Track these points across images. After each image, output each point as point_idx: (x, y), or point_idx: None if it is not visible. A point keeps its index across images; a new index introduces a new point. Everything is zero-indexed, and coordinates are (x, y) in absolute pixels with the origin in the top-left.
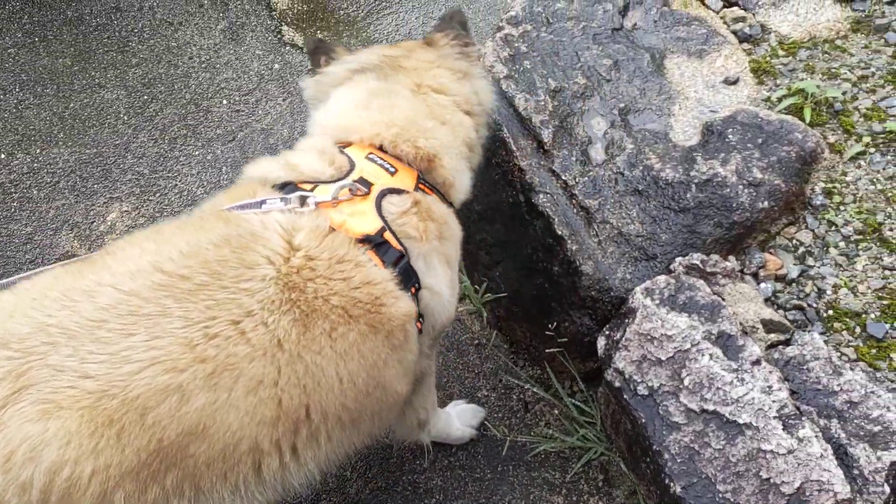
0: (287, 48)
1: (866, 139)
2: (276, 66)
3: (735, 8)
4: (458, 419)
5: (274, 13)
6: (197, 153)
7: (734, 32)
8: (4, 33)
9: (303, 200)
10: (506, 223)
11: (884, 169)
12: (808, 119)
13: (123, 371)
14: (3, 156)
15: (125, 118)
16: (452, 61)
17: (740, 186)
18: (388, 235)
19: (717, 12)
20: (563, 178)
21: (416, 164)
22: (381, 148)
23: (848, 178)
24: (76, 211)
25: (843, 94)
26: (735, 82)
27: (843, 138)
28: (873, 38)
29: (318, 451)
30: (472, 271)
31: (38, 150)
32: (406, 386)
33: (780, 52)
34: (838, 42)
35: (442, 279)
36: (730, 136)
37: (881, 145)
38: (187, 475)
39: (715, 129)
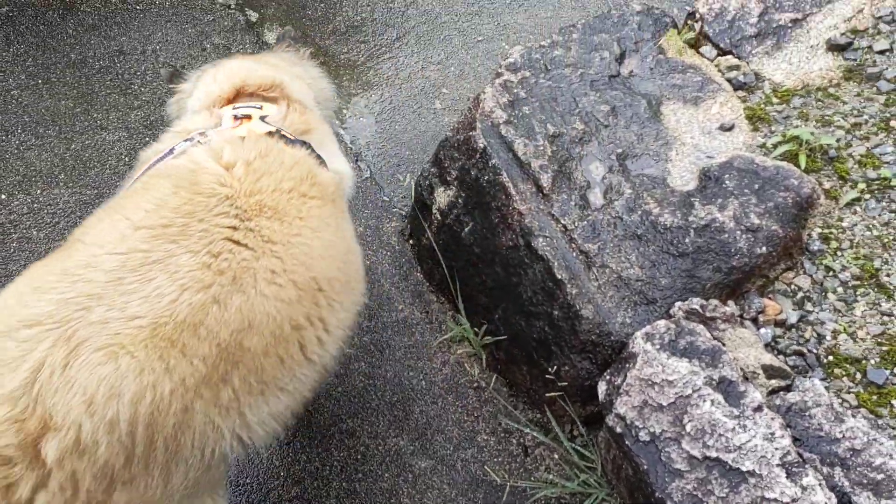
0: None
1: (861, 185)
2: None
3: (729, 56)
4: None
5: None
6: None
7: (729, 80)
8: (9, 75)
9: (202, 135)
10: (505, 266)
11: (879, 215)
12: (803, 165)
13: (163, 304)
14: (3, 196)
15: (126, 159)
16: (283, 54)
17: (738, 232)
18: (285, 133)
19: (712, 60)
20: (563, 221)
21: (269, 92)
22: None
23: (844, 224)
24: None
25: (837, 141)
26: (730, 129)
27: (839, 184)
28: (865, 86)
29: (337, 317)
30: (471, 314)
31: (38, 191)
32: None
33: (775, 100)
34: (831, 90)
35: (341, 158)
36: (727, 182)
37: (876, 192)
38: (251, 369)
39: (712, 175)
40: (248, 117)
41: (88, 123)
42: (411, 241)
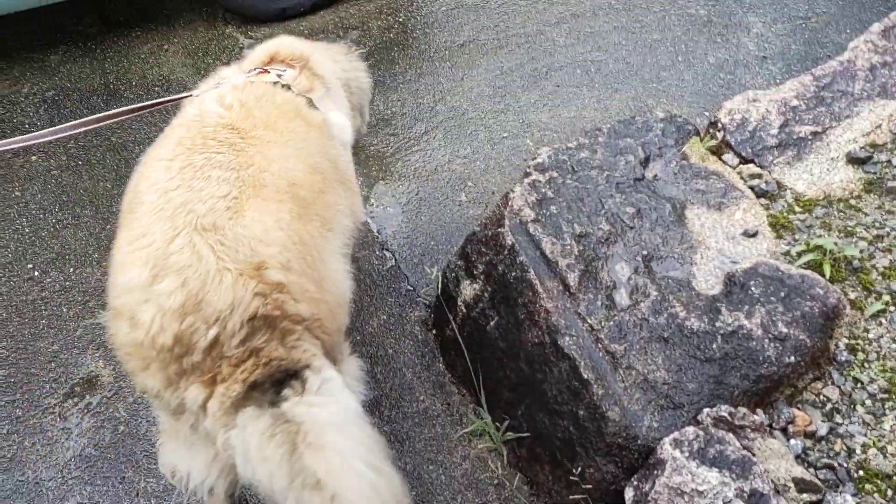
0: None
1: (886, 297)
2: None
3: (751, 165)
4: None
5: None
6: None
7: (751, 188)
8: (50, 156)
9: (219, 82)
10: (530, 362)
11: None
12: (828, 275)
13: (238, 177)
14: (37, 273)
15: None
16: (333, 45)
17: (766, 340)
18: (286, 84)
19: (734, 168)
20: (589, 321)
21: (295, 62)
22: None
23: (870, 336)
24: (104, 331)
25: (861, 252)
26: (754, 235)
27: (863, 295)
28: (886, 199)
29: (349, 201)
30: (493, 408)
31: (71, 269)
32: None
33: (797, 209)
34: (852, 202)
35: (338, 114)
36: (752, 289)
37: None
38: (317, 215)
39: (737, 280)
40: (266, 72)
41: None
42: (434, 332)
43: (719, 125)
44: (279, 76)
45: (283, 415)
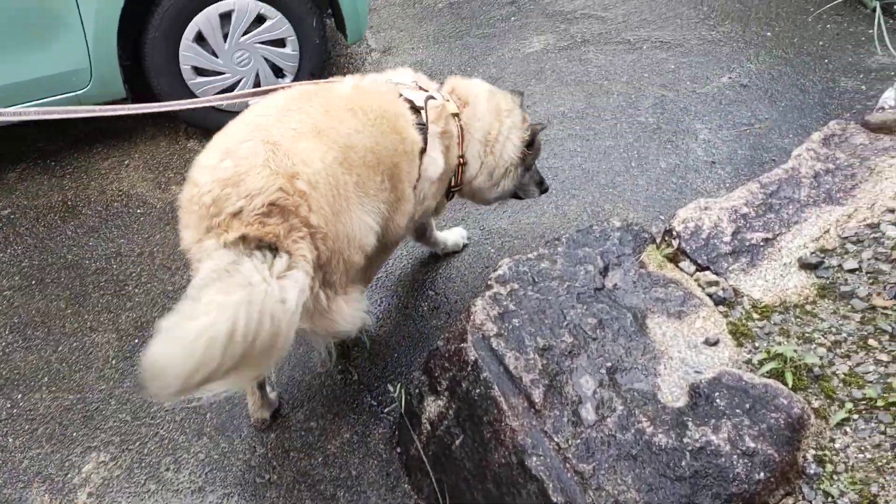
0: None
1: (849, 405)
2: None
3: (707, 272)
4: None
5: None
6: (182, 398)
7: (709, 295)
8: (3, 276)
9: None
10: (498, 484)
11: (870, 437)
12: (790, 383)
13: (309, 123)
14: None
15: (113, 362)
16: (511, 98)
17: (735, 456)
18: (424, 115)
19: (691, 275)
20: (556, 439)
21: (457, 99)
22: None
23: (837, 446)
24: (51, 461)
25: (821, 358)
26: (715, 343)
27: (827, 403)
28: (840, 303)
29: (384, 191)
30: None
31: (19, 396)
32: (406, 186)
33: (755, 316)
34: (808, 307)
35: (438, 157)
36: (717, 400)
37: (864, 412)
38: (359, 176)
39: (702, 392)
40: (432, 97)
41: (78, 325)
42: (399, 450)
43: (674, 233)
44: (429, 97)
45: (238, 267)
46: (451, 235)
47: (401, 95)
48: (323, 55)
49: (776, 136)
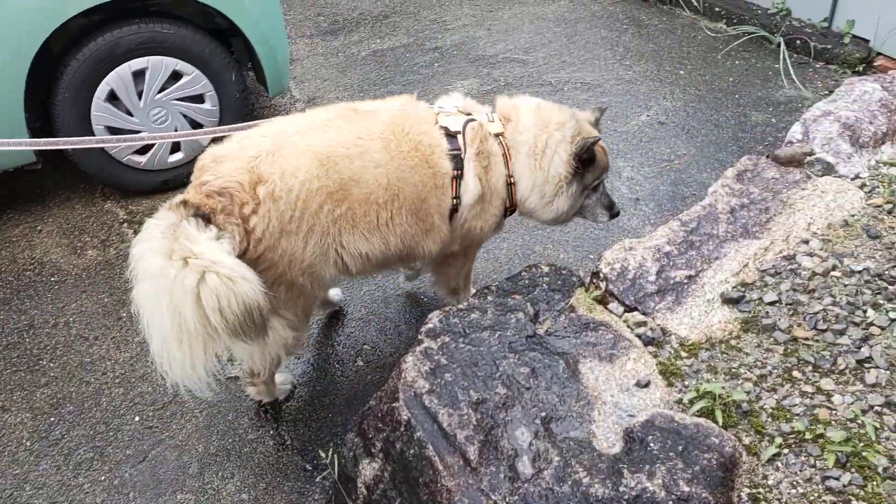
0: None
1: (778, 440)
2: None
3: (635, 313)
4: None
5: None
6: (103, 478)
7: (638, 336)
8: None
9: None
10: None
11: (800, 471)
12: (720, 421)
13: (325, 142)
14: None
15: (28, 444)
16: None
17: (670, 502)
18: (460, 139)
19: (620, 316)
20: (493, 497)
21: (501, 117)
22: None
23: (770, 482)
24: None
25: (748, 394)
26: (647, 385)
27: (757, 439)
28: (763, 336)
29: (400, 225)
30: None
31: None
32: (436, 218)
33: (683, 354)
34: (733, 342)
35: (472, 181)
36: (651, 444)
37: (793, 445)
38: (349, 210)
39: (636, 436)
40: (472, 120)
41: None
42: None
43: (601, 275)
44: (469, 121)
45: (177, 231)
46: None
47: (437, 123)
48: (244, 109)
49: (695, 171)
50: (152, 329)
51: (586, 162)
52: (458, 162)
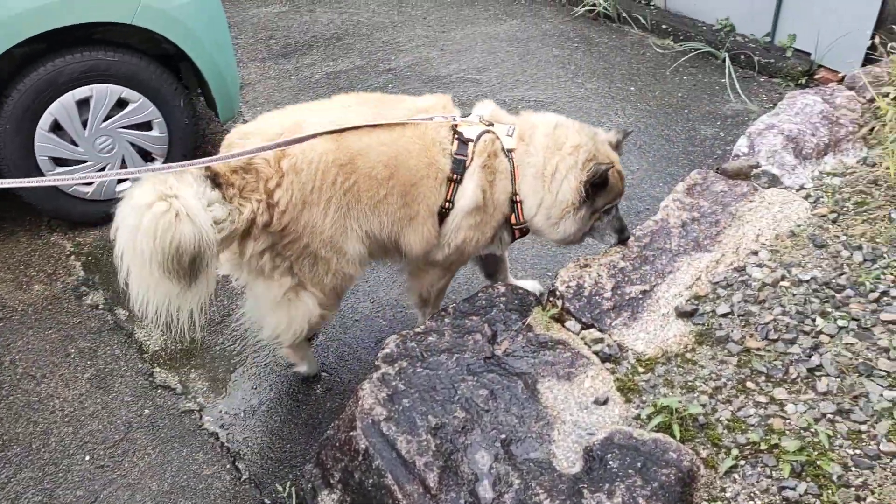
0: (159, 391)
1: (734, 452)
2: (146, 411)
3: (592, 329)
4: None
5: (146, 355)
6: None
7: (595, 353)
8: None
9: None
10: None
11: (757, 482)
12: (678, 436)
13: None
14: None
15: None
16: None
17: None
18: (470, 147)
19: (577, 333)
20: None
21: (520, 134)
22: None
23: (727, 495)
24: None
25: (704, 407)
26: (605, 402)
27: (714, 452)
28: (717, 348)
29: (392, 205)
30: None
31: None
32: (422, 208)
33: (640, 369)
34: (688, 355)
35: (471, 188)
36: (610, 462)
37: (749, 457)
38: (356, 183)
39: (595, 455)
40: (491, 130)
41: None
42: None
43: (557, 293)
44: (485, 132)
45: (171, 179)
46: (525, 284)
47: (453, 128)
48: (194, 136)
49: (648, 186)
50: (122, 256)
51: (598, 186)
52: (458, 166)
